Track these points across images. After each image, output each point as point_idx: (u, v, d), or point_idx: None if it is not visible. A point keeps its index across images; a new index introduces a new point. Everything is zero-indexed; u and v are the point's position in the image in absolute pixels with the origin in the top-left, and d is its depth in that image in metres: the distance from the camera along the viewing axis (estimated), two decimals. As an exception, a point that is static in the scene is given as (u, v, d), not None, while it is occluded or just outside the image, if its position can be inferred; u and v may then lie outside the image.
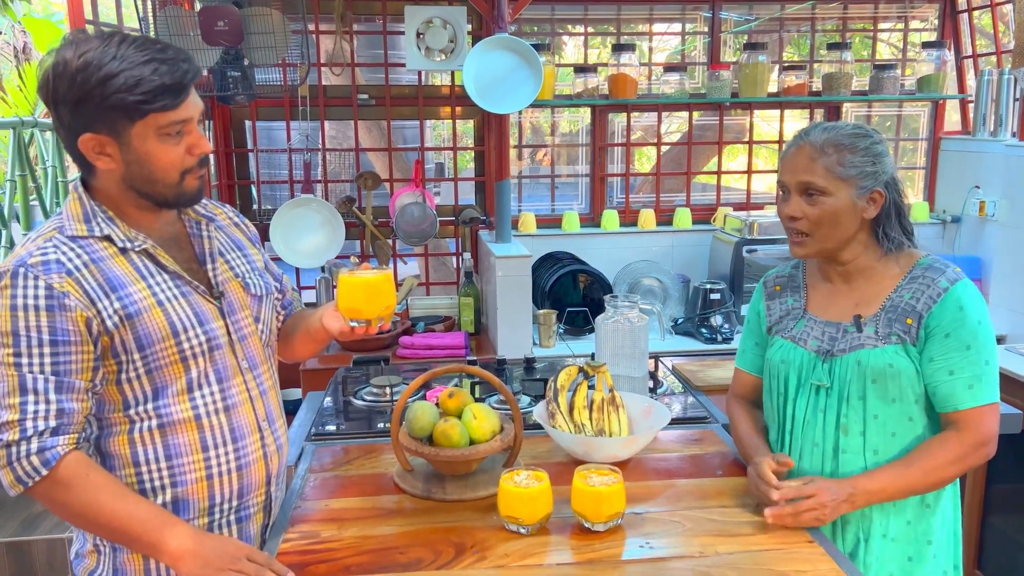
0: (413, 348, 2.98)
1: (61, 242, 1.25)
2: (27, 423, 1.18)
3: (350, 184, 3.53)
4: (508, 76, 3.05)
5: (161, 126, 1.23)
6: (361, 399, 2.05)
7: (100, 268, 1.26)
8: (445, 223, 3.47)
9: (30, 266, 1.21)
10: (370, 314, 1.37)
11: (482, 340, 3.19)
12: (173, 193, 1.30)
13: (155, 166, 1.25)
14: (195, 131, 1.29)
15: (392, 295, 1.37)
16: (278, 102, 3.33)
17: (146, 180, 1.27)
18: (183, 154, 1.27)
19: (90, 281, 1.24)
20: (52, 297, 1.20)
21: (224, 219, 1.51)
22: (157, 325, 1.28)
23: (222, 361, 1.36)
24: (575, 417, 1.76)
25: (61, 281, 1.21)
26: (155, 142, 1.24)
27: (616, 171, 3.79)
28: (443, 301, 3.42)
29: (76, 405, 1.23)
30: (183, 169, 1.28)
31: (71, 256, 1.24)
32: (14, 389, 1.19)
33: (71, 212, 1.29)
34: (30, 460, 1.18)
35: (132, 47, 1.20)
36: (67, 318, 1.21)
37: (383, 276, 1.36)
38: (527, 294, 3.00)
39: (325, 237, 3.31)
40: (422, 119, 3.46)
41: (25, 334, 1.19)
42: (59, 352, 1.21)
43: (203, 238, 1.41)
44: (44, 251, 1.23)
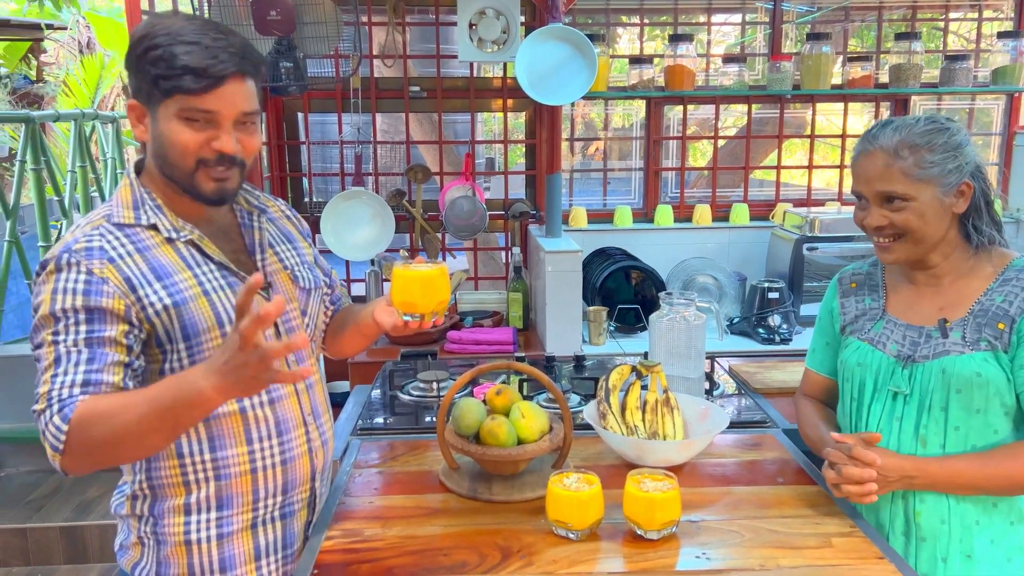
0: (461, 343, 2.94)
1: (108, 230, 1.25)
2: (53, 392, 1.16)
3: (400, 177, 3.50)
4: (561, 67, 2.99)
5: (182, 108, 1.20)
6: (408, 394, 2.01)
7: (146, 257, 1.25)
8: (495, 217, 3.43)
9: (73, 252, 1.21)
10: (424, 309, 1.33)
11: (530, 336, 3.14)
12: (187, 183, 1.26)
13: (169, 147, 1.23)
14: (224, 128, 1.22)
15: (446, 290, 1.33)
16: (330, 94, 3.32)
17: (165, 161, 1.25)
18: (201, 143, 1.22)
19: (134, 269, 1.23)
20: (91, 283, 1.20)
21: (276, 212, 1.49)
22: (203, 315, 1.26)
23: None
24: (627, 418, 1.69)
25: (102, 268, 1.21)
26: (175, 122, 1.21)
27: (671, 165, 3.69)
28: (491, 296, 3.37)
29: (105, 376, 1.18)
30: (198, 158, 1.23)
31: (115, 244, 1.24)
32: (50, 364, 1.18)
33: (121, 199, 1.29)
34: (53, 422, 1.13)
35: (192, 26, 1.20)
36: (103, 302, 1.19)
37: (438, 270, 1.31)
38: (577, 290, 2.94)
39: (375, 230, 3.28)
40: (473, 112, 3.42)
41: (63, 315, 1.19)
42: (94, 328, 1.19)
43: (254, 229, 1.39)
44: (89, 238, 1.23)
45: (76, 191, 4.38)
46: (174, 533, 1.31)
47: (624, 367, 1.75)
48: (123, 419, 1.11)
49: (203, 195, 1.26)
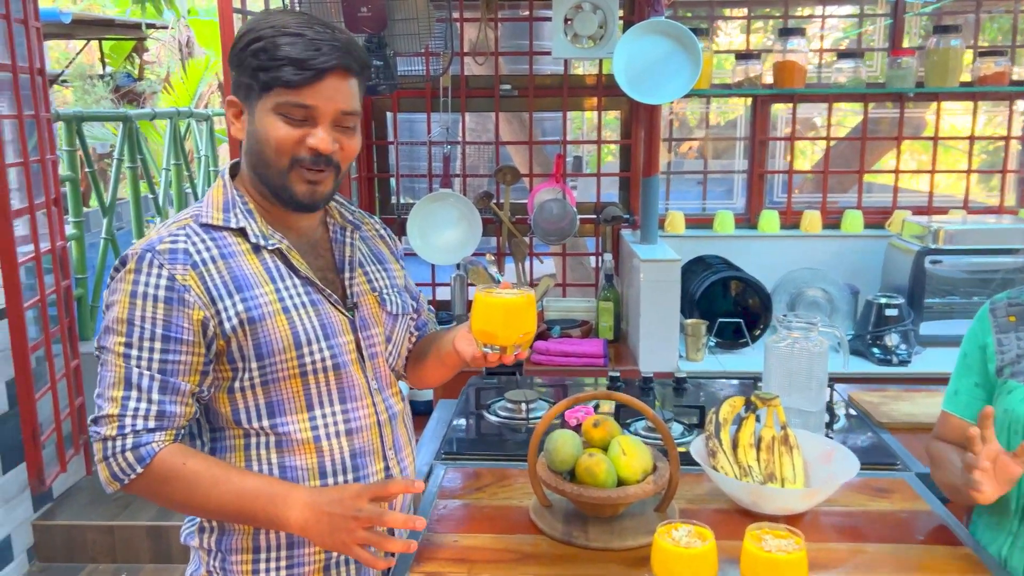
0: (548, 354, 2.80)
1: (193, 231, 1.17)
2: (126, 419, 1.11)
3: (488, 179, 3.39)
4: (662, 64, 2.80)
5: (280, 103, 1.13)
6: (494, 414, 1.88)
7: (229, 264, 1.16)
8: (585, 221, 3.27)
9: (157, 252, 1.13)
10: (506, 340, 1.19)
11: (621, 349, 2.97)
12: (280, 184, 1.17)
13: (264, 143, 1.16)
14: (323, 127, 1.15)
15: (532, 321, 1.18)
16: (419, 93, 3.23)
17: (259, 159, 1.17)
18: (297, 140, 1.15)
19: (215, 278, 1.15)
20: (173, 289, 1.12)
21: (370, 230, 1.39)
22: (280, 334, 1.16)
23: (348, 379, 1.23)
24: (740, 457, 1.51)
25: (185, 274, 1.13)
26: (271, 117, 1.14)
27: (776, 167, 3.45)
28: (580, 304, 3.22)
29: (178, 408, 1.14)
30: (293, 156, 1.15)
31: (200, 248, 1.16)
32: (119, 381, 1.11)
33: (212, 199, 1.22)
34: (125, 456, 1.11)
35: (297, 20, 1.15)
36: (184, 315, 1.12)
37: (524, 298, 1.17)
38: (675, 302, 2.75)
39: (461, 233, 3.18)
40: (566, 111, 3.27)
41: (140, 324, 1.12)
42: (169, 350, 1.12)
43: (345, 245, 1.29)
44: (175, 238, 1.15)
45: (171, 188, 4.44)
46: (243, 571, 1.21)
47: (736, 399, 1.57)
48: (196, 491, 1.12)
49: (294, 197, 1.17)
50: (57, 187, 2.88)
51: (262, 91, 1.14)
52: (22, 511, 2.87)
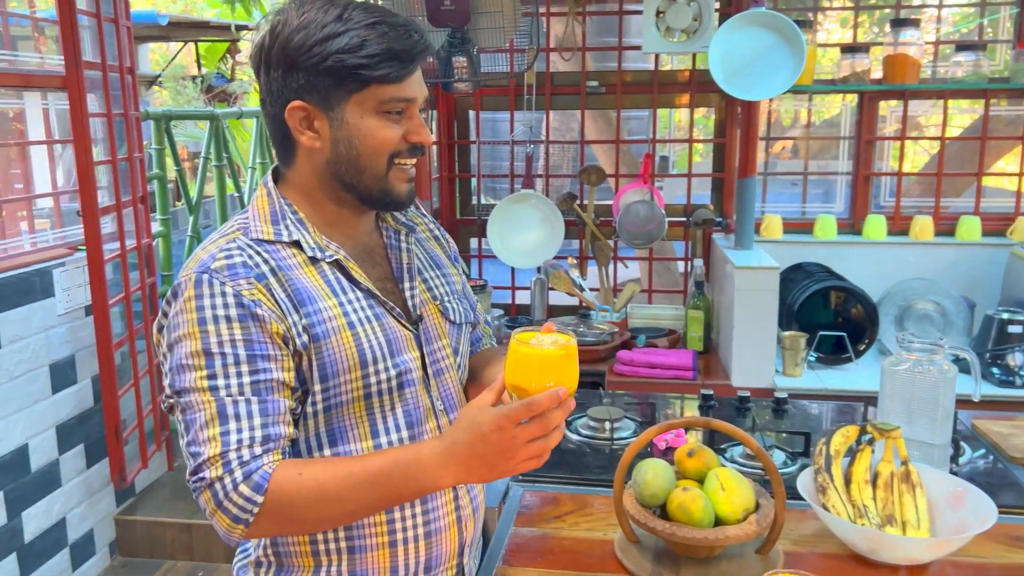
0: (632, 365, 2.65)
1: (246, 244, 1.05)
2: (230, 454, 0.97)
3: (572, 179, 3.26)
4: (762, 58, 2.62)
5: (382, 101, 1.03)
6: (576, 431, 1.76)
7: (289, 278, 1.04)
8: (674, 224, 3.10)
9: (215, 271, 1.01)
10: (534, 395, 0.95)
11: (712, 361, 2.80)
12: (378, 188, 1.08)
13: (366, 146, 1.05)
14: (417, 117, 1.07)
15: (573, 377, 0.98)
16: (503, 90, 3.13)
17: (352, 166, 1.07)
18: (399, 138, 1.06)
19: (278, 291, 1.03)
20: (243, 306, 1.00)
21: (423, 230, 1.27)
22: (345, 352, 1.05)
23: (413, 400, 1.12)
24: (854, 495, 1.34)
25: (251, 288, 1.01)
26: (372, 118, 1.04)
27: (884, 169, 3.21)
28: (667, 312, 3.06)
29: (282, 428, 1.01)
30: (393, 153, 1.06)
31: (258, 261, 1.04)
32: (213, 418, 0.98)
33: (257, 211, 1.10)
34: (240, 491, 0.96)
35: (358, 10, 1.04)
36: (262, 330, 1.00)
37: (563, 351, 0.96)
38: (772, 313, 2.57)
39: (543, 235, 3.06)
40: (655, 108, 3.11)
41: (219, 350, 0.99)
42: (259, 369, 1.00)
43: (401, 251, 1.18)
44: (228, 253, 1.03)
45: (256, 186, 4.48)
46: None
47: (849, 429, 1.40)
48: (334, 497, 0.98)
49: (396, 199, 1.09)
50: (144, 185, 2.90)
51: (354, 91, 1.02)
52: (105, 505, 2.90)
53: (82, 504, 2.76)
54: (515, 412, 0.92)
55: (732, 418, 1.86)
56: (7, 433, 2.42)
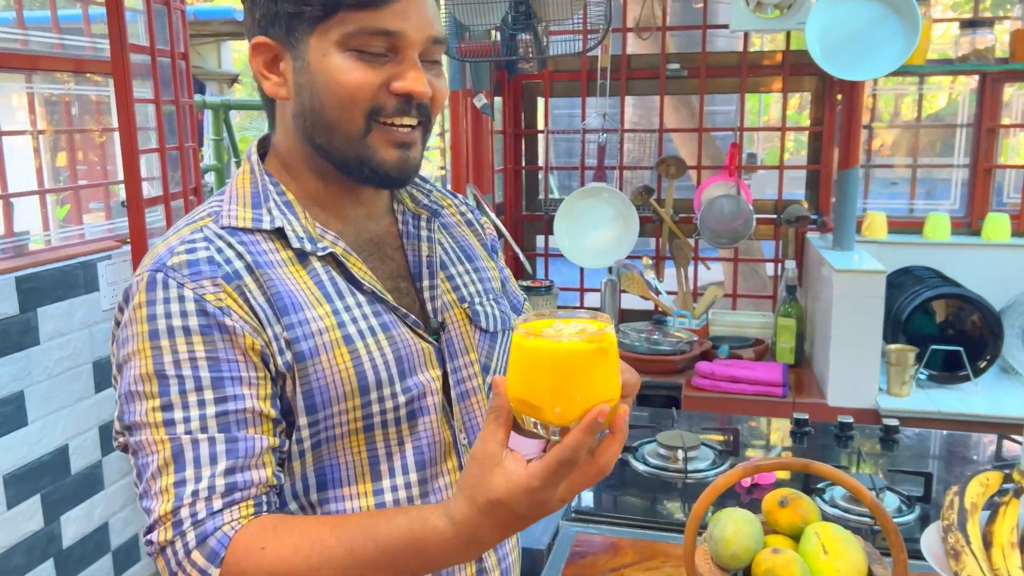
0: (712, 378, 2.37)
1: (215, 235, 0.83)
2: (183, 512, 0.75)
3: (649, 172, 2.99)
4: (867, 33, 2.31)
5: (350, 33, 0.80)
6: (643, 461, 1.50)
7: (269, 277, 0.82)
8: (762, 221, 2.80)
9: (171, 269, 0.79)
10: (551, 415, 0.66)
11: (804, 376, 2.48)
12: (354, 153, 0.83)
13: (331, 95, 0.81)
14: (410, 60, 0.82)
15: (611, 386, 0.67)
16: (574, 75, 2.89)
17: (318, 121, 0.83)
18: (378, 85, 0.81)
19: (255, 295, 0.81)
20: (206, 314, 0.78)
21: (453, 214, 1.03)
22: (339, 375, 0.82)
23: (428, 434, 0.88)
24: (995, 561, 1.05)
25: (217, 291, 0.79)
26: (337, 56, 0.80)
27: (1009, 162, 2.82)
28: (753, 319, 2.75)
29: (254, 474, 0.77)
30: (371, 108, 0.81)
31: (230, 256, 0.82)
32: (167, 463, 0.76)
33: (236, 191, 0.88)
34: (192, 561, 0.74)
35: None
36: (232, 345, 0.78)
37: (595, 345, 0.65)
38: (876, 322, 2.25)
39: (616, 233, 2.81)
40: (743, 93, 2.81)
41: (175, 372, 0.77)
42: (227, 396, 0.77)
43: (421, 241, 0.94)
44: (191, 246, 0.81)
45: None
46: None
47: (990, 476, 1.11)
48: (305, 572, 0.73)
49: (381, 169, 0.84)
50: (197, 176, 2.78)
51: (317, 19, 0.79)
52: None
53: (126, 508, 2.66)
54: (544, 474, 0.66)
55: (831, 448, 1.57)
56: (46, 433, 2.33)
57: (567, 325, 0.67)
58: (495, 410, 0.69)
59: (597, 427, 0.64)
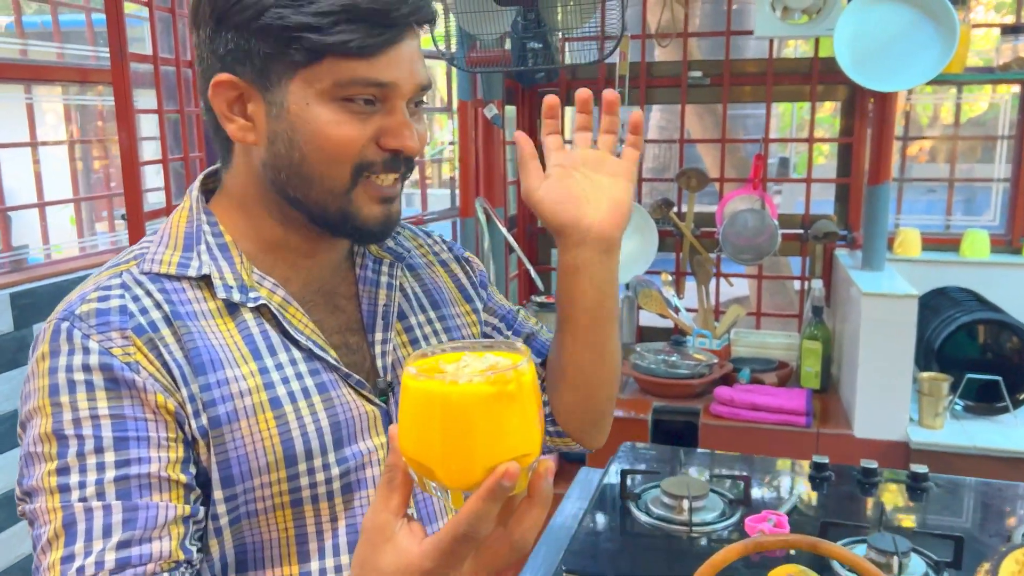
0: (732, 406, 2.24)
1: (134, 281, 0.75)
2: None
3: (668, 184, 2.87)
4: (901, 40, 2.17)
5: (339, 83, 0.72)
6: (646, 511, 1.38)
7: (186, 329, 0.74)
8: (788, 237, 2.66)
9: (78, 318, 0.72)
10: (447, 476, 0.55)
11: (830, 403, 2.35)
12: (336, 208, 0.76)
13: (313, 147, 0.73)
14: (401, 112, 0.75)
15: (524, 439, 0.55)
16: (592, 82, 2.77)
17: (295, 174, 0.75)
18: (367, 139, 0.74)
19: (171, 349, 0.73)
20: (111, 369, 0.70)
21: (424, 255, 0.95)
22: (261, 444, 0.73)
23: (365, 511, 0.79)
24: (1034, 652, 0.93)
25: (126, 344, 0.71)
26: (322, 106, 0.73)
27: None
28: (778, 340, 2.62)
29: (156, 547, 0.68)
30: (359, 164, 0.74)
31: (147, 305, 0.74)
32: (56, 535, 0.68)
33: (169, 229, 0.80)
34: None
35: None
36: (141, 402, 0.71)
37: (493, 388, 0.53)
38: (907, 349, 2.10)
39: (633, 247, 2.69)
40: (769, 102, 2.68)
41: (74, 431, 0.69)
42: (130, 459, 0.69)
43: (379, 288, 0.85)
44: (105, 293, 0.74)
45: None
46: None
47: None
48: None
49: (364, 226, 0.77)
50: (204, 187, 2.72)
51: (300, 65, 0.72)
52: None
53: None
54: (437, 554, 0.55)
55: (853, 499, 1.44)
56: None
57: (477, 360, 0.56)
58: (389, 469, 0.58)
59: (502, 492, 0.53)
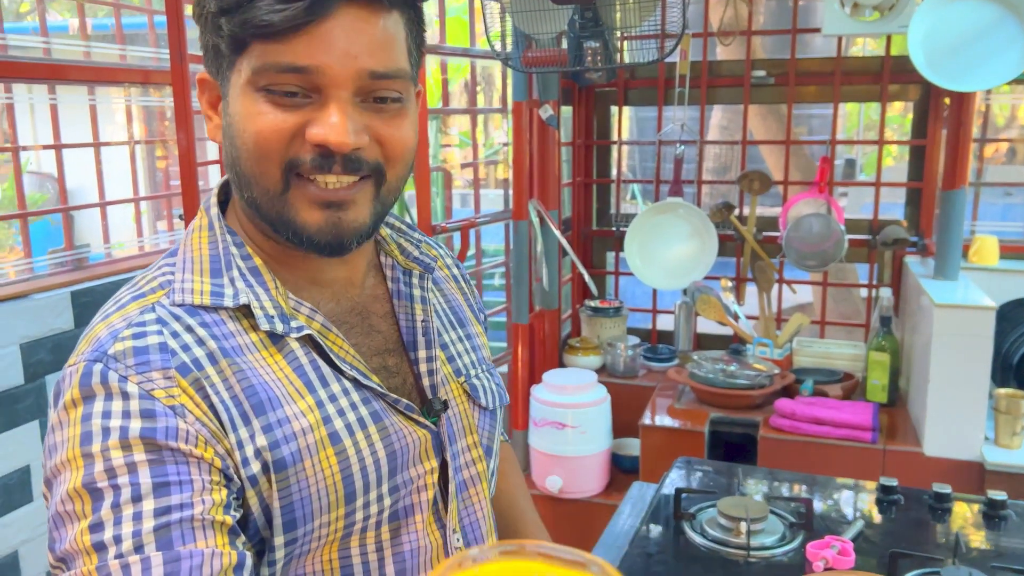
0: (793, 419, 2.15)
1: (170, 314, 0.69)
2: None
3: (730, 186, 2.78)
4: (979, 38, 2.06)
5: (256, 69, 0.66)
6: (700, 532, 1.32)
7: (236, 367, 0.68)
8: (856, 243, 2.56)
9: (112, 358, 0.65)
10: None
11: (897, 418, 2.24)
12: (275, 211, 0.69)
13: (242, 141, 0.68)
14: (333, 103, 0.67)
15: None
16: (651, 82, 2.71)
17: (238, 173, 0.70)
18: (290, 132, 0.67)
19: (219, 391, 0.66)
20: (154, 416, 0.63)
21: (441, 267, 0.90)
22: (324, 483, 0.67)
23: (413, 539, 0.74)
24: None
25: (170, 384, 0.65)
26: (247, 96, 0.67)
27: None
28: (843, 350, 2.51)
29: None
30: (288, 160, 0.67)
31: (188, 340, 0.67)
32: None
33: (190, 253, 0.73)
34: None
35: None
36: (183, 455, 0.63)
37: None
38: (983, 363, 1.99)
39: (692, 252, 2.61)
40: (837, 102, 2.57)
41: (109, 482, 0.62)
42: (171, 506, 0.62)
43: (414, 302, 0.79)
44: (141, 330, 0.67)
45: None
46: None
47: None
48: None
49: (302, 232, 0.70)
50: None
51: (233, 52, 0.67)
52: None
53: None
54: None
55: (924, 525, 1.36)
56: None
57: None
58: None
59: None
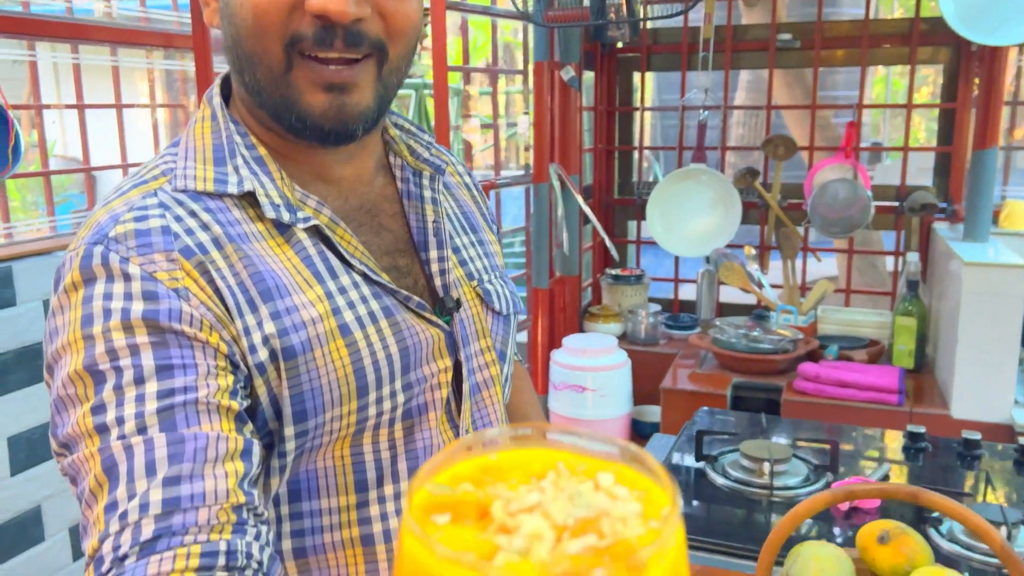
0: (817, 381, 2.12)
1: (172, 199, 0.66)
2: (105, 547, 0.55)
3: (755, 152, 2.74)
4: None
5: None
6: (723, 473, 1.31)
7: (242, 253, 0.65)
8: (883, 209, 2.51)
9: (112, 240, 0.62)
10: None
11: (924, 383, 2.20)
12: (278, 95, 0.66)
13: (241, 17, 0.65)
14: None
15: None
16: (674, 47, 2.68)
17: (239, 53, 0.66)
18: (289, 2, 0.64)
19: (224, 275, 0.64)
20: (157, 298, 0.61)
21: (452, 173, 0.88)
22: (335, 375, 0.66)
23: (427, 437, 0.73)
24: None
25: (173, 267, 0.62)
26: None
27: None
28: (869, 317, 2.47)
29: (211, 485, 0.57)
30: (290, 36, 0.64)
31: (192, 226, 0.65)
32: (99, 482, 0.58)
33: (193, 142, 0.71)
34: None
35: None
36: (187, 339, 0.61)
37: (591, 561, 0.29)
38: (1014, 324, 1.95)
39: (715, 219, 2.58)
40: (864, 67, 2.52)
41: (111, 364, 0.59)
42: (174, 388, 0.59)
43: (424, 203, 0.77)
44: (142, 213, 0.64)
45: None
46: None
47: None
48: None
49: (307, 116, 0.67)
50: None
51: None
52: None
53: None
54: None
55: (953, 469, 1.33)
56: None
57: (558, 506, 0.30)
58: None
59: None
